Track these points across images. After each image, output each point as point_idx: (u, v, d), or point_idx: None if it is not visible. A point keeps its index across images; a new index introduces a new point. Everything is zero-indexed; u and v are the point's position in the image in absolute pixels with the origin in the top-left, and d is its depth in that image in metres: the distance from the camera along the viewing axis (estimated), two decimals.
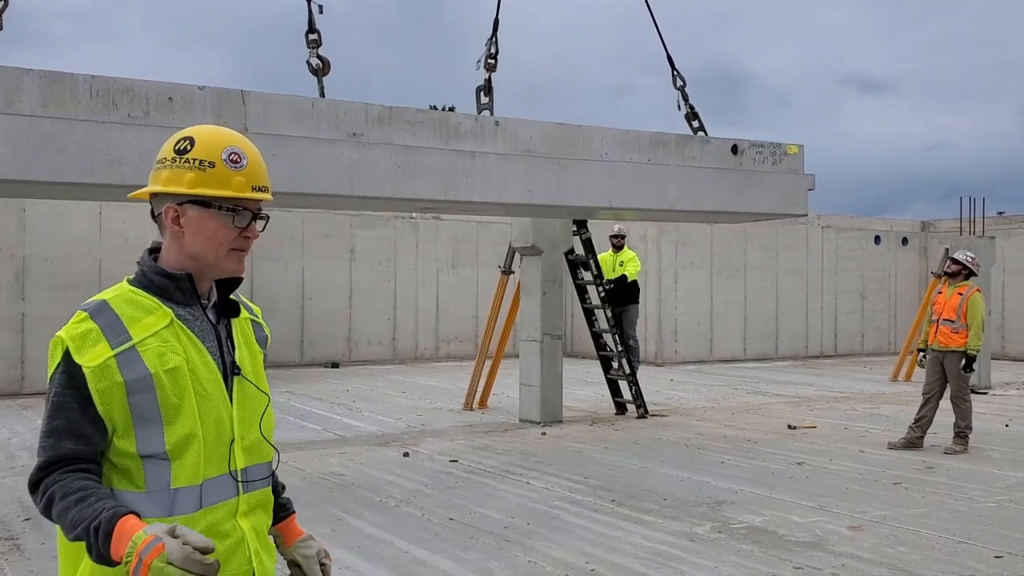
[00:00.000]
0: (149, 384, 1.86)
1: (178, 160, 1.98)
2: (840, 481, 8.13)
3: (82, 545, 1.80)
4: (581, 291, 12.84)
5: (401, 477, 8.21)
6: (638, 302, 13.85)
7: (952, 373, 9.61)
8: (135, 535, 1.69)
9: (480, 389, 12.85)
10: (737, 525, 6.63)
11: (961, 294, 9.70)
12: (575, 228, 12.16)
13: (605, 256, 13.53)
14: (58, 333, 1.89)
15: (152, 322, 1.91)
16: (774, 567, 5.64)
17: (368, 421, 11.39)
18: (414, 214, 20.15)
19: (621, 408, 12.43)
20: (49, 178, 6.52)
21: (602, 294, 12.58)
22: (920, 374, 11.70)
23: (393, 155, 7.67)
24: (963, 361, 9.52)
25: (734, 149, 9.48)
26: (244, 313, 2.13)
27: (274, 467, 2.17)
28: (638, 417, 11.97)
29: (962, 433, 9.57)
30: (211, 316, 2.02)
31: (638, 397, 12.11)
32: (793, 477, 8.31)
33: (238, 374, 2.01)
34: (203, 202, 1.96)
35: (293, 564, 2.25)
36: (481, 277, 20.43)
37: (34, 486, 1.86)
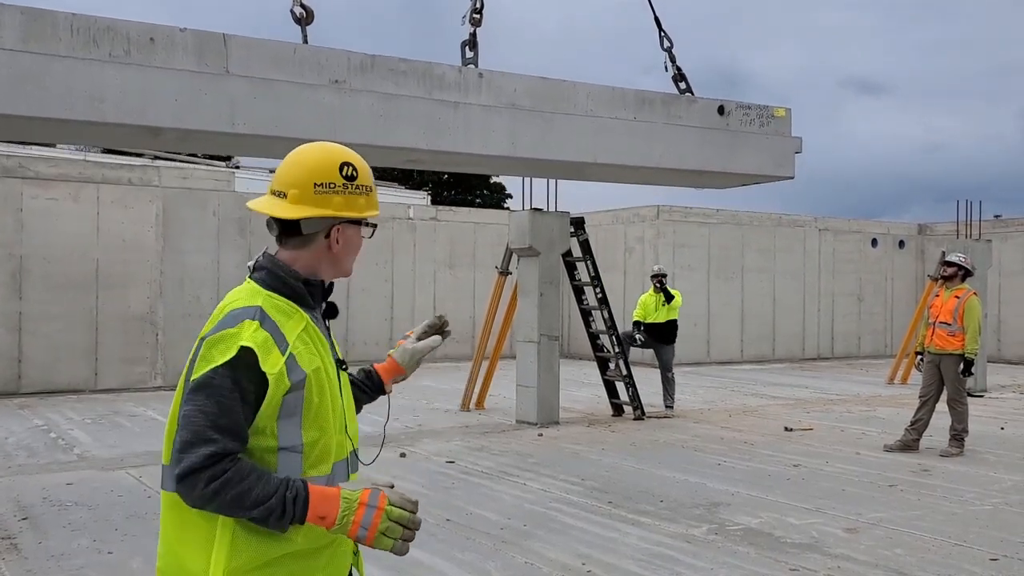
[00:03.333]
0: (303, 384, 2.02)
1: (349, 187, 2.14)
2: (836, 483, 8.14)
3: (211, 520, 1.96)
4: (578, 292, 12.84)
5: (397, 478, 8.21)
6: (676, 338, 12.86)
7: (949, 376, 9.62)
8: (343, 494, 1.95)
9: (477, 390, 12.85)
10: (733, 527, 6.64)
11: (958, 297, 9.71)
12: (572, 229, 12.16)
13: (646, 297, 12.82)
14: (239, 340, 1.96)
15: (293, 326, 2.06)
16: (770, 569, 5.65)
17: (364, 421, 11.29)
18: (411, 215, 20.17)
19: (618, 409, 12.43)
20: (29, 113, 6.57)
21: (640, 341, 12.44)
22: (917, 377, 11.70)
23: (375, 102, 7.69)
24: (961, 365, 9.54)
25: (720, 110, 9.48)
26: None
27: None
28: (635, 419, 11.97)
29: (958, 436, 9.58)
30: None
31: (635, 399, 12.11)
32: (789, 479, 8.32)
33: (345, 369, 2.21)
34: (356, 221, 2.17)
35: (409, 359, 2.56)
36: (478, 278, 20.45)
37: (199, 471, 1.91)
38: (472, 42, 8.53)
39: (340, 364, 2.18)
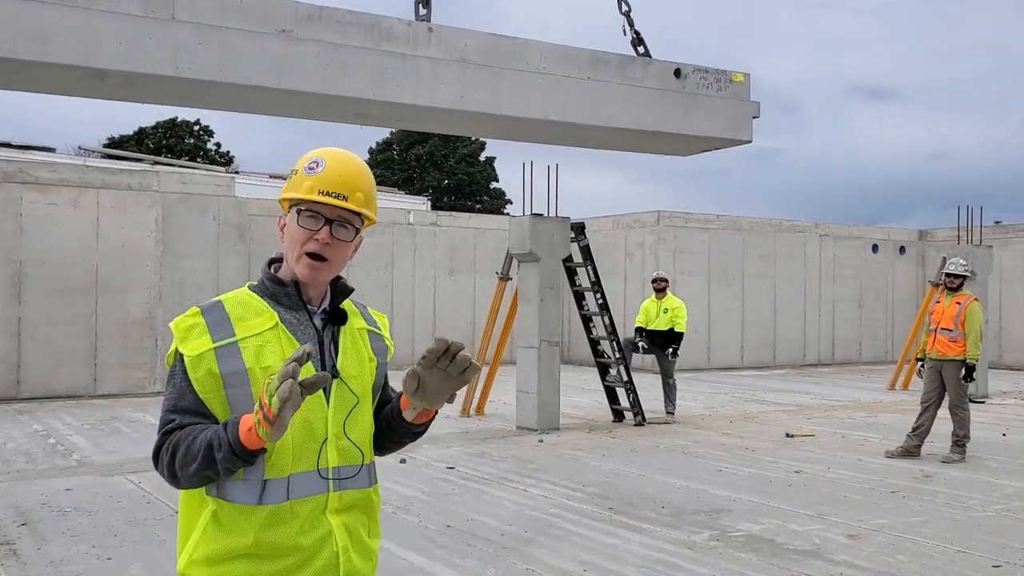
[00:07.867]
0: (244, 379, 2.00)
1: (301, 172, 2.13)
2: (838, 490, 8.11)
3: (197, 511, 2.01)
4: (579, 297, 12.83)
5: (398, 483, 8.19)
6: (679, 349, 12.70)
7: (950, 382, 9.60)
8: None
9: (477, 396, 12.83)
10: (735, 533, 6.61)
11: (959, 303, 9.70)
12: (573, 235, 12.15)
13: (648, 304, 12.83)
14: (171, 323, 2.06)
15: (258, 323, 2.06)
16: (772, 575, 5.64)
17: None
18: (411, 220, 20.16)
19: (619, 415, 12.40)
20: None
21: (643, 348, 12.43)
22: (917, 383, 11.69)
23: (322, 51, 7.69)
24: (963, 371, 9.52)
25: (677, 72, 9.44)
26: (360, 323, 2.23)
27: (372, 472, 2.25)
28: (636, 425, 11.95)
29: (960, 442, 9.56)
30: (317, 322, 2.14)
31: (636, 405, 12.09)
32: (791, 485, 8.30)
33: (336, 377, 2.11)
34: (294, 208, 2.11)
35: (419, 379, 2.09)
36: (478, 283, 20.43)
37: (159, 448, 2.00)
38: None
39: (333, 373, 2.11)
